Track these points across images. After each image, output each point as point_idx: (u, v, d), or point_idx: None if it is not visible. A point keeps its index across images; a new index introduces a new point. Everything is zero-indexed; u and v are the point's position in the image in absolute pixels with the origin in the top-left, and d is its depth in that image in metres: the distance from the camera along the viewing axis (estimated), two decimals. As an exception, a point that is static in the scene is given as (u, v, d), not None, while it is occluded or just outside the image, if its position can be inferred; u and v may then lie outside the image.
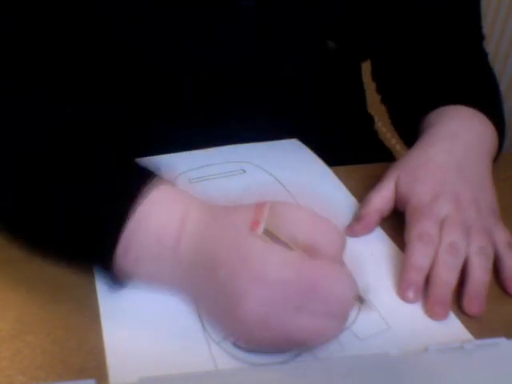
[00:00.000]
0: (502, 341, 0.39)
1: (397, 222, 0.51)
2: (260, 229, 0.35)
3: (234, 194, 0.53)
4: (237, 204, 0.41)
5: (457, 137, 0.54)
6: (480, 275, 0.45)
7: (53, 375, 0.37)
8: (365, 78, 0.78)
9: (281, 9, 0.57)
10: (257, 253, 0.36)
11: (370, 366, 0.37)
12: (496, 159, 0.58)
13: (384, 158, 0.70)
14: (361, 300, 0.40)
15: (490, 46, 1.23)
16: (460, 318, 0.43)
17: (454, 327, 0.42)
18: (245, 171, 0.58)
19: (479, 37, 0.68)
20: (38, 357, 0.38)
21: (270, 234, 0.36)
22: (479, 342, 0.39)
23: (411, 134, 0.62)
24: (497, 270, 0.47)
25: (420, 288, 0.44)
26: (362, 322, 0.41)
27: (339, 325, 0.37)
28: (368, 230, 0.50)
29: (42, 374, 0.37)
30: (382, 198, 0.51)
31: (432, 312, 0.43)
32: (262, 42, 0.59)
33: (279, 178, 0.57)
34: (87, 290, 0.43)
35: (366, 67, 0.76)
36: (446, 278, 0.44)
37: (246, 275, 0.35)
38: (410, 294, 0.44)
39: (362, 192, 0.56)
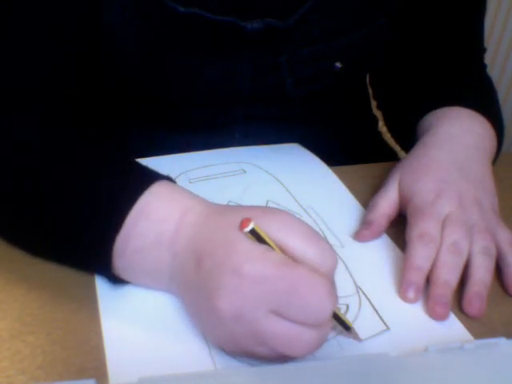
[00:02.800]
0: (502, 341, 0.39)
1: (398, 222, 0.51)
2: (248, 227, 0.35)
3: (234, 193, 0.54)
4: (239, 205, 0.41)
5: (457, 138, 0.54)
6: (482, 276, 0.45)
7: (53, 375, 0.37)
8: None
9: (288, 32, 0.57)
10: (242, 248, 0.36)
11: (369, 366, 0.37)
12: (495, 161, 0.58)
13: (388, 158, 0.70)
14: (346, 327, 0.39)
15: (489, 46, 1.23)
16: (460, 318, 0.43)
17: (454, 328, 0.42)
18: (245, 171, 0.58)
19: (480, 49, 0.68)
20: (38, 357, 0.38)
21: (258, 236, 0.36)
22: (479, 341, 0.39)
23: (408, 138, 0.62)
24: (498, 268, 0.47)
25: (420, 288, 0.44)
26: (362, 323, 0.41)
27: (315, 337, 0.35)
28: (377, 236, 0.50)
29: (41, 374, 0.37)
30: (388, 203, 0.51)
31: (433, 312, 0.43)
32: (268, 65, 0.59)
33: (279, 178, 0.57)
34: (87, 290, 0.43)
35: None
36: (447, 278, 0.44)
37: (227, 268, 0.35)
38: (411, 295, 0.44)
39: (364, 191, 0.56)
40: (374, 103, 0.79)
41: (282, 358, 0.37)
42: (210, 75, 0.58)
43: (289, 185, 0.56)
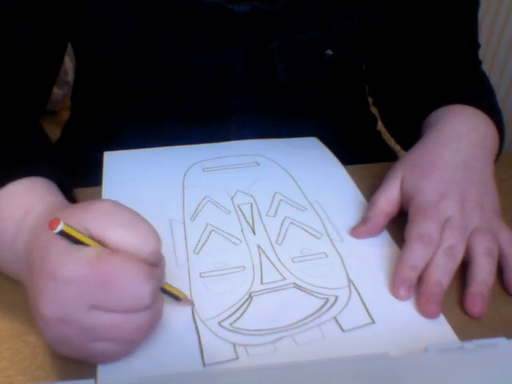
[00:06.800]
0: (502, 341, 0.39)
1: (399, 219, 0.51)
2: (57, 229, 0.34)
3: (244, 184, 0.56)
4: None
5: (463, 136, 0.54)
6: (485, 276, 0.45)
7: (53, 375, 0.37)
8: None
9: (277, 17, 0.58)
10: (54, 251, 0.35)
11: (370, 366, 0.37)
12: (496, 159, 0.58)
13: (387, 158, 0.70)
14: (176, 298, 0.40)
15: (489, 47, 1.23)
16: (460, 318, 0.43)
17: (441, 329, 0.42)
18: (258, 164, 0.59)
19: (474, 45, 0.68)
20: (38, 357, 0.38)
21: (69, 236, 0.35)
22: (479, 341, 0.39)
23: (406, 134, 0.62)
24: (499, 268, 0.47)
25: (412, 286, 0.44)
26: (348, 314, 0.42)
27: (146, 319, 0.36)
28: (374, 233, 0.50)
29: (41, 374, 0.37)
30: (388, 200, 0.51)
31: (425, 309, 0.43)
32: (260, 52, 0.60)
33: (291, 172, 0.58)
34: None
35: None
36: (440, 279, 0.44)
37: (44, 273, 0.35)
38: (402, 292, 0.44)
39: (364, 191, 0.56)
40: (370, 100, 0.79)
41: (124, 349, 0.37)
42: (202, 63, 0.59)
43: (298, 179, 0.57)
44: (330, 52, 0.61)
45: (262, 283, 0.44)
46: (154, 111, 0.65)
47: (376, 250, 0.49)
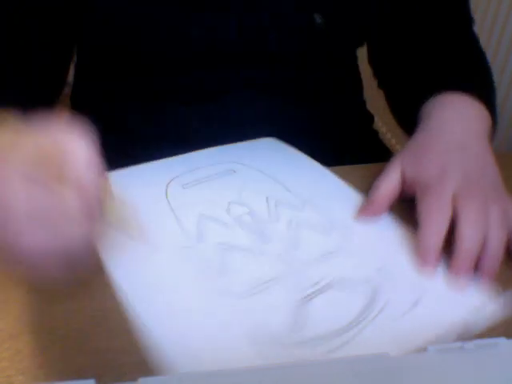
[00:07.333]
0: (502, 341, 0.39)
1: (402, 208, 0.52)
2: None
3: (232, 195, 0.54)
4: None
5: (456, 121, 0.55)
6: (497, 249, 0.45)
7: (53, 375, 0.37)
8: (364, 78, 0.78)
9: None
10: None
11: (370, 365, 0.37)
12: (492, 140, 0.58)
13: (384, 157, 0.70)
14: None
15: (489, 47, 1.23)
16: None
17: (486, 301, 0.43)
18: (234, 171, 0.58)
19: (469, 20, 0.69)
20: (38, 357, 0.38)
21: None
22: (479, 341, 0.39)
23: (409, 121, 0.62)
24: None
25: (438, 252, 0.45)
26: (391, 303, 0.42)
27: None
28: (378, 214, 0.51)
29: (41, 374, 0.37)
30: (391, 184, 0.52)
31: (457, 275, 0.44)
32: (252, 19, 0.60)
33: (271, 174, 0.58)
34: (87, 290, 0.43)
35: (364, 66, 0.76)
36: (470, 247, 0.45)
37: None
38: (429, 259, 0.45)
39: (364, 191, 0.56)
40: (368, 101, 0.78)
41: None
42: (195, 32, 0.59)
43: (280, 179, 0.56)
44: (319, 18, 0.61)
45: (298, 292, 0.43)
46: (151, 90, 0.65)
47: (386, 234, 0.50)
